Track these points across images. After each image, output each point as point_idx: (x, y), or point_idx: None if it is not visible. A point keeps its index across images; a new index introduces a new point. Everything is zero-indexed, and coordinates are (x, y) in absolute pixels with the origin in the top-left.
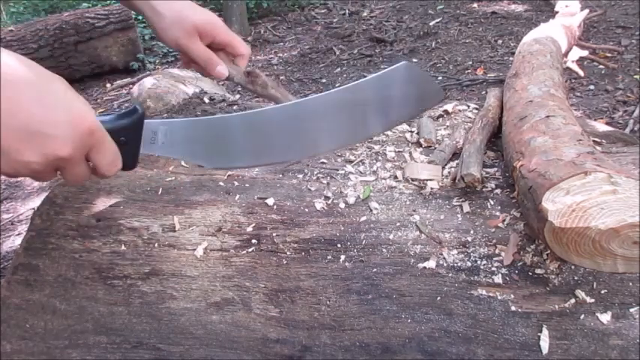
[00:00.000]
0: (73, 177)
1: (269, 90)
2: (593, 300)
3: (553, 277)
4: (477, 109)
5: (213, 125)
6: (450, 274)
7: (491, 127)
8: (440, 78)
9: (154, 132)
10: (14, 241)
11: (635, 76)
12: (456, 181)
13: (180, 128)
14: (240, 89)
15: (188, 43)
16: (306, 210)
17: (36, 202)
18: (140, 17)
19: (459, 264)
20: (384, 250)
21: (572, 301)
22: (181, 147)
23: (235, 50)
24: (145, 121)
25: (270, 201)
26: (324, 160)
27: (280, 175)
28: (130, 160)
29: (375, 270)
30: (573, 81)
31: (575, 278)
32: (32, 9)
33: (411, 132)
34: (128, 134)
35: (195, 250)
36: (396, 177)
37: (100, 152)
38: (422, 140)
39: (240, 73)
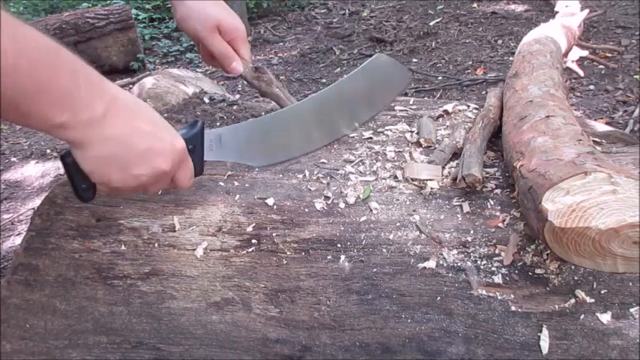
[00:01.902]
0: (158, 189)
1: (273, 88)
2: (593, 300)
3: (553, 277)
4: (476, 109)
5: (258, 126)
6: (450, 274)
7: (491, 127)
8: (440, 78)
9: (211, 140)
10: (14, 241)
11: (635, 76)
12: (457, 181)
13: (230, 134)
14: (240, 89)
15: (207, 36)
16: (306, 210)
17: (36, 202)
18: (140, 17)
19: (459, 264)
20: (384, 250)
21: (572, 301)
22: (233, 151)
23: (239, 54)
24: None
25: (270, 201)
26: (324, 160)
27: (280, 175)
28: (198, 166)
29: (375, 270)
30: (573, 81)
31: (575, 278)
32: (32, 9)
33: (411, 132)
34: (194, 142)
35: (195, 250)
36: (396, 177)
37: (183, 168)
38: (422, 140)
39: (248, 68)
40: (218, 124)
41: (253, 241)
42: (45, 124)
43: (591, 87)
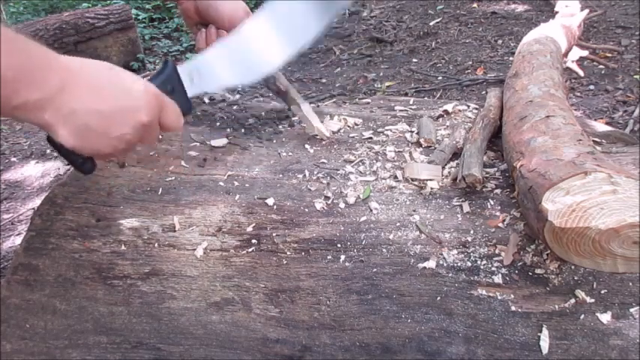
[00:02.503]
0: (152, 139)
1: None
2: (593, 300)
3: (553, 277)
4: (476, 109)
5: (229, 46)
6: (450, 274)
7: (491, 127)
8: (440, 78)
9: (189, 73)
10: (14, 241)
11: (635, 76)
12: (457, 181)
13: (205, 61)
14: (240, 89)
15: (243, 19)
16: (306, 210)
17: (36, 202)
18: (140, 17)
19: (458, 264)
20: (384, 250)
21: (572, 301)
22: (215, 77)
23: None
24: (178, 66)
25: (270, 201)
26: (324, 160)
27: (280, 175)
28: (184, 105)
29: (375, 270)
30: (573, 81)
31: (575, 278)
32: (32, 9)
33: (411, 132)
34: (171, 82)
35: (195, 250)
36: (396, 177)
37: (166, 112)
38: (422, 140)
39: None
40: (218, 124)
41: (253, 241)
42: (7, 108)
43: (591, 87)
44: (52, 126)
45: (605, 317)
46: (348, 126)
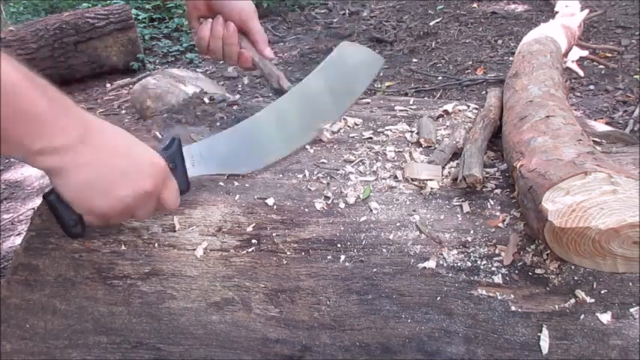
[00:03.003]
0: (147, 212)
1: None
2: (593, 300)
3: (553, 277)
4: (476, 109)
5: (236, 134)
6: (450, 274)
7: (492, 128)
8: (440, 78)
9: (192, 156)
10: (14, 241)
11: (635, 76)
12: (458, 181)
13: (210, 146)
14: (240, 89)
15: (253, 17)
16: (306, 210)
17: (36, 202)
18: (140, 17)
19: (459, 264)
20: (384, 250)
21: (572, 301)
22: (215, 163)
23: (264, 51)
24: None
25: (270, 201)
26: (324, 160)
27: (280, 175)
28: (182, 184)
29: (375, 270)
30: (573, 81)
31: (575, 278)
32: (32, 9)
33: (411, 132)
34: (174, 160)
35: (195, 250)
36: (396, 177)
37: (167, 187)
38: (422, 140)
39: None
40: (218, 124)
41: (253, 241)
42: (23, 150)
43: (591, 87)
44: (61, 173)
45: (605, 317)
46: (348, 126)
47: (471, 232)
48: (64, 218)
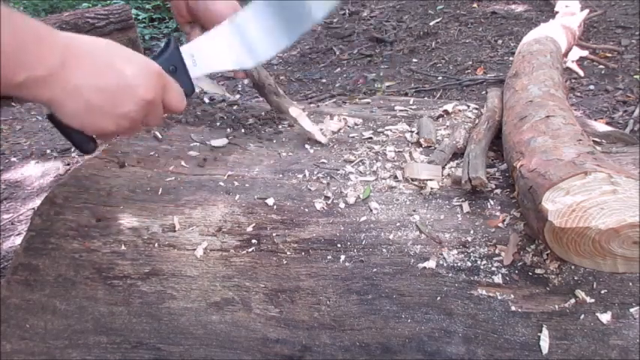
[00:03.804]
0: (156, 119)
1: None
2: (593, 300)
3: (553, 277)
4: (476, 109)
5: (236, 24)
6: (450, 274)
7: (495, 130)
8: (440, 78)
9: (192, 55)
10: (14, 241)
11: (635, 76)
12: (462, 182)
13: (209, 41)
14: (240, 89)
15: None
16: (306, 210)
17: (36, 202)
18: (140, 17)
19: (458, 264)
20: (384, 250)
21: (572, 301)
22: (219, 57)
23: None
24: (180, 48)
25: (270, 201)
26: (324, 160)
27: (280, 175)
28: (187, 86)
29: (375, 270)
30: (573, 81)
31: (575, 278)
32: (32, 9)
33: (411, 132)
34: (173, 62)
35: (195, 250)
36: (396, 177)
37: (169, 91)
38: (422, 140)
39: None
40: (218, 124)
41: (253, 241)
42: (8, 86)
43: (591, 87)
44: (57, 103)
45: (605, 317)
46: (348, 126)
47: (471, 232)
48: (73, 137)
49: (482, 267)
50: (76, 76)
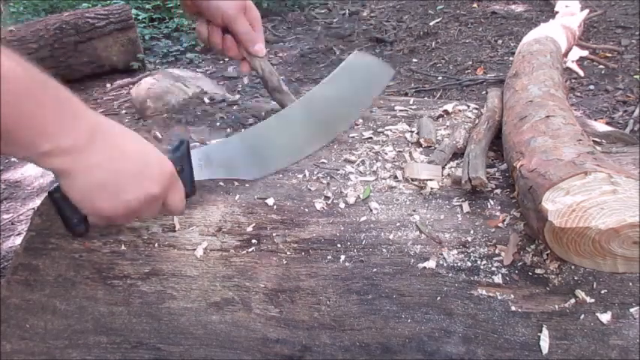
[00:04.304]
0: (151, 214)
1: (282, 85)
2: (593, 300)
3: (553, 277)
4: (476, 109)
5: (246, 139)
6: (450, 274)
7: (495, 130)
8: (440, 78)
9: (199, 159)
10: (14, 241)
11: (635, 76)
12: (462, 182)
13: (218, 150)
14: (240, 89)
15: (237, 15)
16: (306, 210)
17: (36, 202)
18: (140, 17)
19: (459, 264)
20: (384, 250)
21: (572, 301)
22: (223, 167)
23: (250, 49)
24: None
25: (270, 201)
26: (324, 160)
27: (280, 175)
28: (189, 187)
29: (375, 270)
30: (573, 81)
31: (575, 278)
32: (32, 9)
33: (411, 132)
34: (182, 163)
35: (195, 250)
36: (396, 177)
37: (174, 192)
38: (422, 140)
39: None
40: (218, 124)
41: (253, 241)
42: (30, 152)
43: (591, 87)
44: (70, 174)
45: (605, 317)
46: None
47: (471, 232)
48: (68, 216)
49: (482, 267)
50: (101, 154)
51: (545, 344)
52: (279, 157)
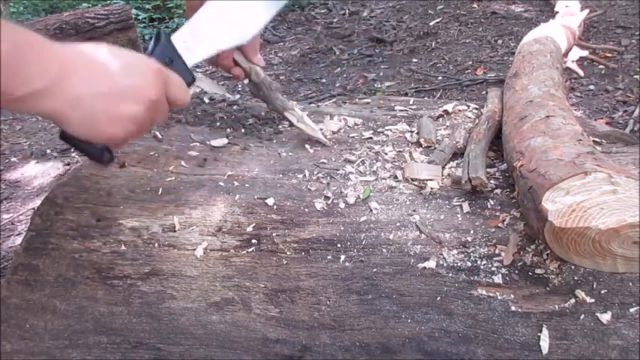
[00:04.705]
0: (163, 115)
1: (273, 92)
2: (593, 300)
3: (553, 277)
4: (476, 109)
5: (215, 8)
6: (450, 274)
7: (495, 130)
8: (440, 78)
9: (184, 41)
10: (14, 241)
11: (635, 76)
12: (462, 182)
13: (195, 26)
14: (240, 89)
15: None
16: (306, 210)
17: (36, 202)
18: (140, 17)
19: (459, 264)
20: (384, 250)
21: (572, 301)
22: (212, 37)
23: (250, 56)
24: (172, 36)
25: (270, 201)
26: (324, 160)
27: (280, 175)
28: (186, 75)
29: (375, 270)
30: (573, 81)
31: (575, 278)
32: (32, 9)
33: (411, 132)
34: (168, 54)
35: (195, 250)
36: (396, 177)
37: (171, 85)
38: (422, 140)
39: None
40: (218, 124)
41: (253, 241)
42: (9, 100)
43: (591, 87)
44: (61, 115)
45: (605, 317)
46: (348, 126)
47: (471, 232)
48: (87, 150)
49: (482, 267)
50: (76, 85)
51: (545, 344)
52: (253, 15)
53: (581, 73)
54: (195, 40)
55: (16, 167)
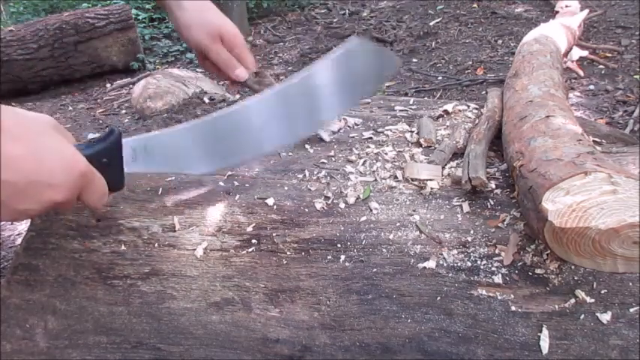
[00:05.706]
0: (65, 212)
1: None
2: (593, 300)
3: (553, 277)
4: (476, 109)
5: (193, 131)
6: (450, 274)
7: (495, 130)
8: (440, 78)
9: (134, 149)
10: (14, 241)
11: (635, 76)
12: (462, 182)
13: (158, 141)
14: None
15: (210, 45)
16: (306, 210)
17: None
18: (140, 17)
19: (459, 264)
20: (384, 250)
21: (572, 301)
22: (163, 159)
23: (243, 63)
24: (123, 140)
25: (270, 201)
26: (324, 160)
27: (280, 175)
28: (116, 181)
29: (375, 270)
30: (573, 81)
31: (575, 278)
32: (32, 9)
33: (411, 132)
34: (109, 155)
35: (195, 250)
36: (396, 177)
37: (89, 191)
38: (422, 140)
39: (249, 74)
40: None
41: (253, 241)
42: None
43: (591, 87)
44: None
45: (605, 317)
46: (348, 126)
47: (471, 232)
48: None
49: (482, 267)
50: None
51: (545, 344)
52: (236, 150)
53: (581, 73)
54: (145, 154)
55: None
